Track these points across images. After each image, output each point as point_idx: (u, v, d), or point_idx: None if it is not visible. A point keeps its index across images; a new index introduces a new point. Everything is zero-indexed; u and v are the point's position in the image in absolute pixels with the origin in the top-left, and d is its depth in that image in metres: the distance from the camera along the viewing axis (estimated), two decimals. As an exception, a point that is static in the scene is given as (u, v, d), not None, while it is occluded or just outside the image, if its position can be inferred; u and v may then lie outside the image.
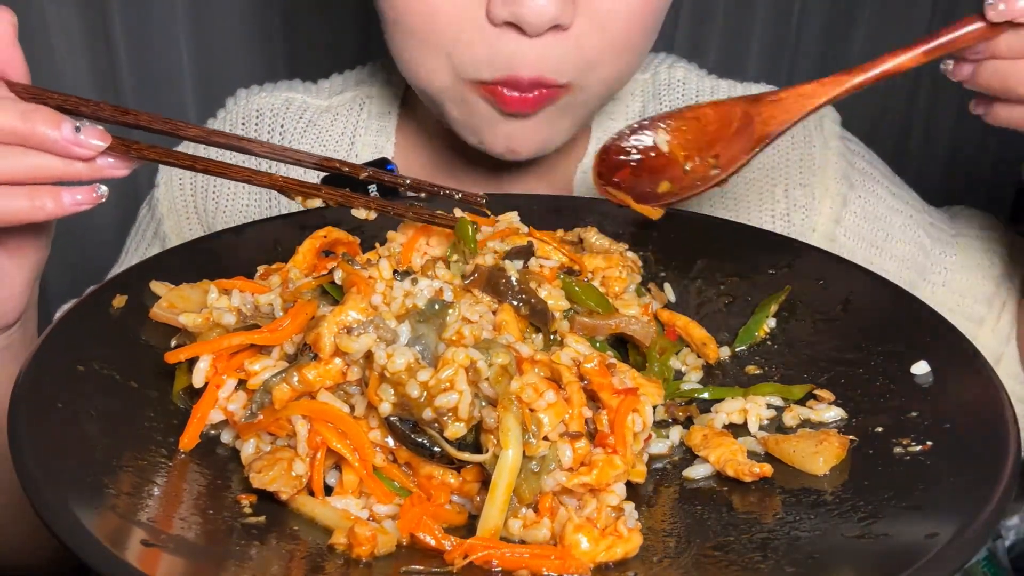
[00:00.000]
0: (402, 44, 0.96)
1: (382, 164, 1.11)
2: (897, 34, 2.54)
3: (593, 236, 0.87)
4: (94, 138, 0.68)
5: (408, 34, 0.95)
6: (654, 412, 0.68)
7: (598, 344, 0.75)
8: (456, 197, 0.79)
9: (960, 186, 2.73)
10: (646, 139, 0.90)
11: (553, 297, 0.72)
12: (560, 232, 0.88)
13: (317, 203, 0.76)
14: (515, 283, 0.71)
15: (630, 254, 0.86)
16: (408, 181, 0.78)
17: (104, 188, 0.71)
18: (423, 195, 0.81)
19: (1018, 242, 1.10)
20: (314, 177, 1.09)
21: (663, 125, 0.89)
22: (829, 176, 1.13)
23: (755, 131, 0.84)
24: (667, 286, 0.89)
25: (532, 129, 0.96)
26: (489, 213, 0.83)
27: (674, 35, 2.40)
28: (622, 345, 0.78)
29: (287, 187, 0.75)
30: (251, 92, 1.22)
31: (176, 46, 2.03)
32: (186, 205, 1.19)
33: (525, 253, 0.78)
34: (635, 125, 0.90)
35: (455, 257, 0.76)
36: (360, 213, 0.78)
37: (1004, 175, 2.68)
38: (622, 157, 0.91)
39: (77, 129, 0.67)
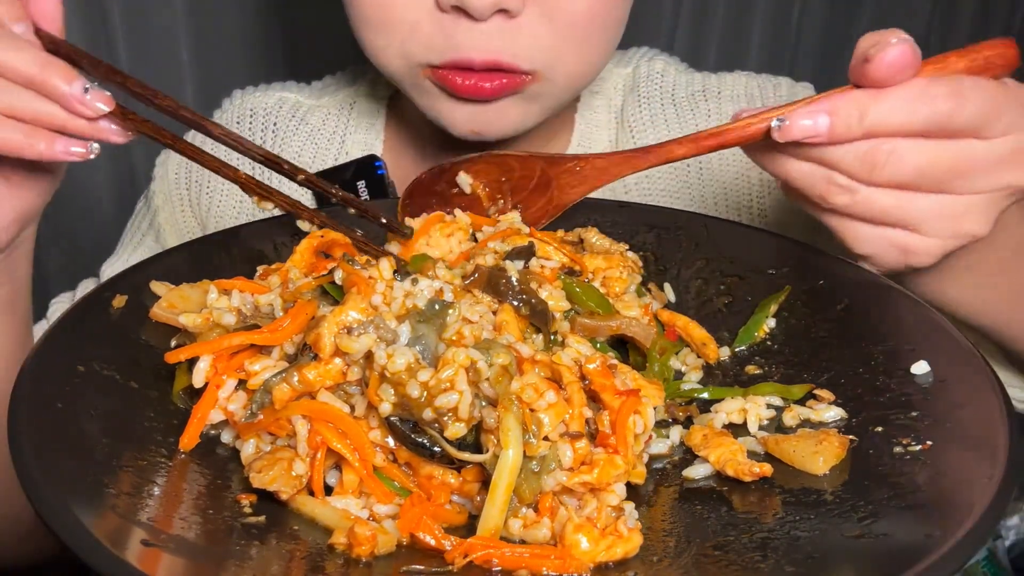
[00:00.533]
0: (360, 31, 0.99)
1: (370, 162, 1.12)
2: (897, 34, 2.55)
3: (594, 236, 0.87)
4: (99, 101, 0.72)
5: (363, 21, 0.97)
6: (655, 412, 0.68)
7: (598, 345, 0.75)
8: (382, 221, 0.80)
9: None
10: (453, 180, 0.90)
11: (554, 298, 0.72)
12: (560, 232, 0.88)
13: (270, 206, 0.79)
14: (515, 283, 0.71)
15: (630, 254, 0.86)
16: (340, 194, 0.80)
17: (97, 146, 0.75)
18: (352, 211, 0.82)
19: None
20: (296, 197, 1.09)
21: (465, 167, 0.89)
22: None
23: (553, 196, 0.86)
24: (667, 286, 0.89)
25: (495, 113, 0.96)
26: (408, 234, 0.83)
27: (674, 35, 2.40)
28: (622, 345, 0.78)
29: (248, 185, 0.78)
30: (246, 93, 1.25)
31: (176, 46, 2.03)
32: (181, 199, 1.20)
33: (526, 253, 0.78)
34: (439, 167, 0.90)
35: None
36: (304, 225, 0.80)
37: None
38: (430, 198, 0.90)
39: (86, 89, 0.71)
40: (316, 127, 1.20)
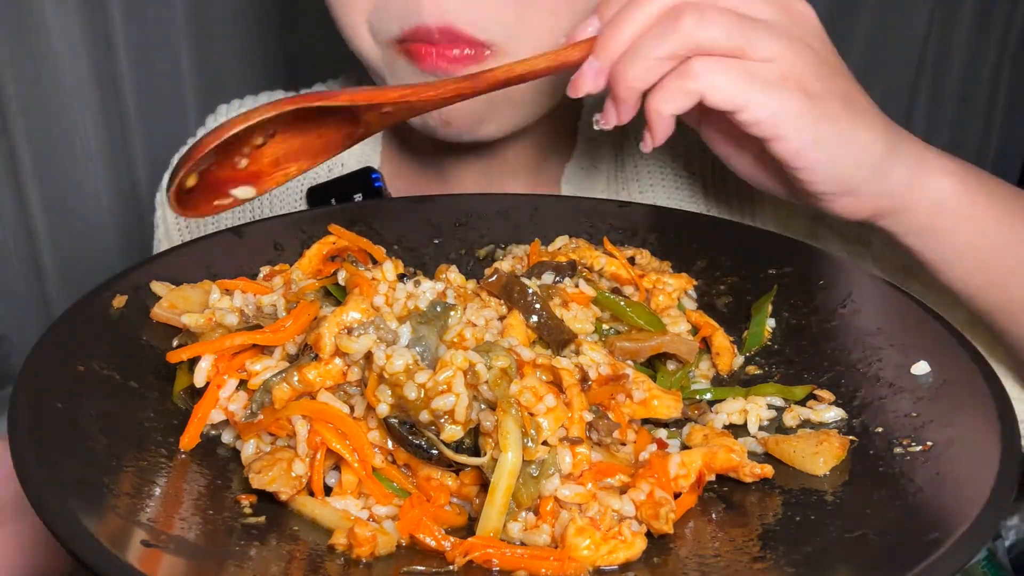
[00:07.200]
0: (335, 10, 0.97)
1: (367, 173, 1.11)
2: (897, 34, 2.54)
3: (645, 259, 0.87)
4: None
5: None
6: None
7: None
8: None
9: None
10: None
11: (579, 320, 0.72)
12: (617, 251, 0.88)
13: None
14: (531, 295, 0.70)
15: (683, 275, 0.86)
16: None
17: None
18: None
19: None
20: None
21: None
22: None
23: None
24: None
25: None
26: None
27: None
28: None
29: None
30: (232, 107, 1.23)
31: (176, 47, 2.04)
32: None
33: (564, 270, 0.77)
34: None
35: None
36: None
37: (1007, 176, 2.68)
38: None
39: None
40: None
